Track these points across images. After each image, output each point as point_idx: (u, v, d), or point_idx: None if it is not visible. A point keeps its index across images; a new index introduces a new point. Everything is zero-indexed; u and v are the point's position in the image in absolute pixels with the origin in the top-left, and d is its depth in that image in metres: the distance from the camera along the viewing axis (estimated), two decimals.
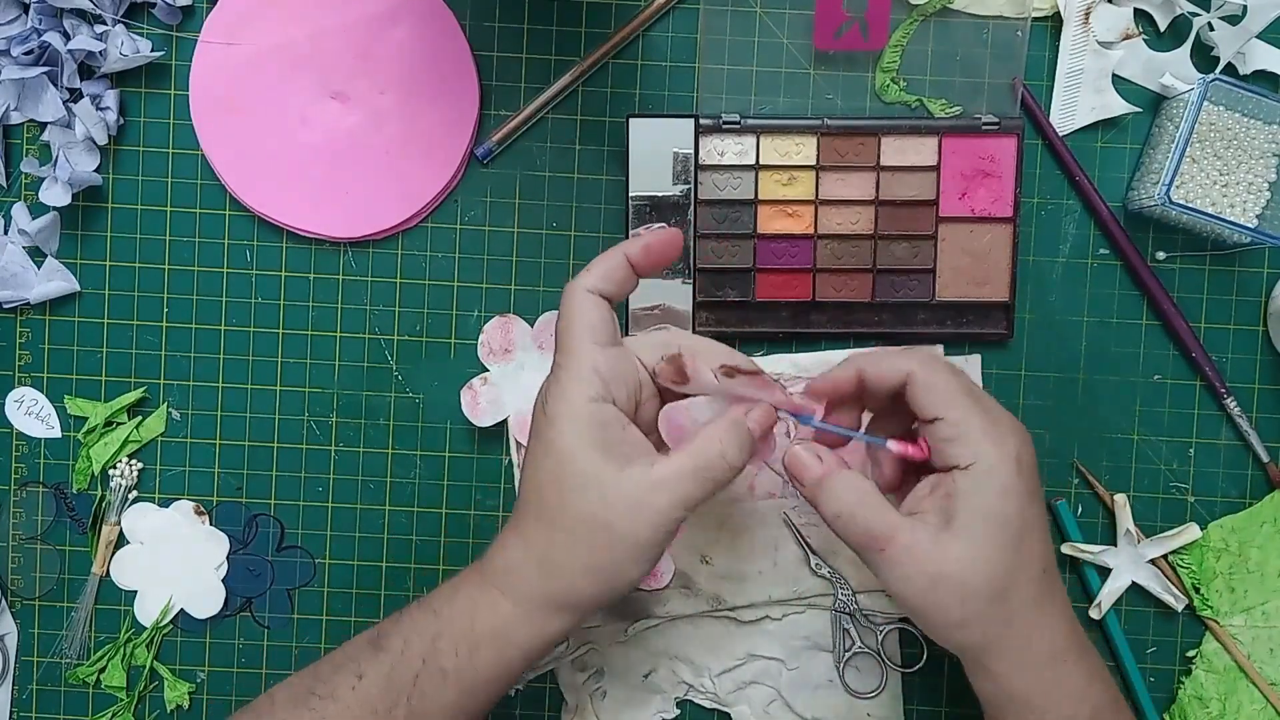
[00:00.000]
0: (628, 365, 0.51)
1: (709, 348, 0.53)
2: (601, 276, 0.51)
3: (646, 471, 0.49)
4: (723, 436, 0.50)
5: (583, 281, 0.51)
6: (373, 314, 0.64)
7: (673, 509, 0.49)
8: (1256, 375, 0.64)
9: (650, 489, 0.48)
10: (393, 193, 0.63)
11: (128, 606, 0.65)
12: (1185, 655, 0.65)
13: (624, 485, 0.48)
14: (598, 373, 0.49)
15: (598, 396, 0.49)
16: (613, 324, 0.51)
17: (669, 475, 0.49)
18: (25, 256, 0.64)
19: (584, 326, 0.50)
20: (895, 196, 0.63)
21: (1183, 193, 0.61)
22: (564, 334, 0.51)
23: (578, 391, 0.49)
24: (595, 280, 0.51)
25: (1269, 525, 0.64)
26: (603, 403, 0.49)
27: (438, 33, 0.62)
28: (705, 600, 0.64)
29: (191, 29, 0.63)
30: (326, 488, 0.65)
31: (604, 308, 0.51)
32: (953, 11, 0.63)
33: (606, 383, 0.50)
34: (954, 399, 0.50)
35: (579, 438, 0.49)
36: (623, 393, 0.51)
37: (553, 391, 0.50)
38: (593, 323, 0.50)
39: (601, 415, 0.49)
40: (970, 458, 0.49)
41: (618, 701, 0.64)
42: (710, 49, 0.63)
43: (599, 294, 0.51)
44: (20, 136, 0.64)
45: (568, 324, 0.51)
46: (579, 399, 0.49)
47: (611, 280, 0.51)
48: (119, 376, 0.64)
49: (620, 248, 0.52)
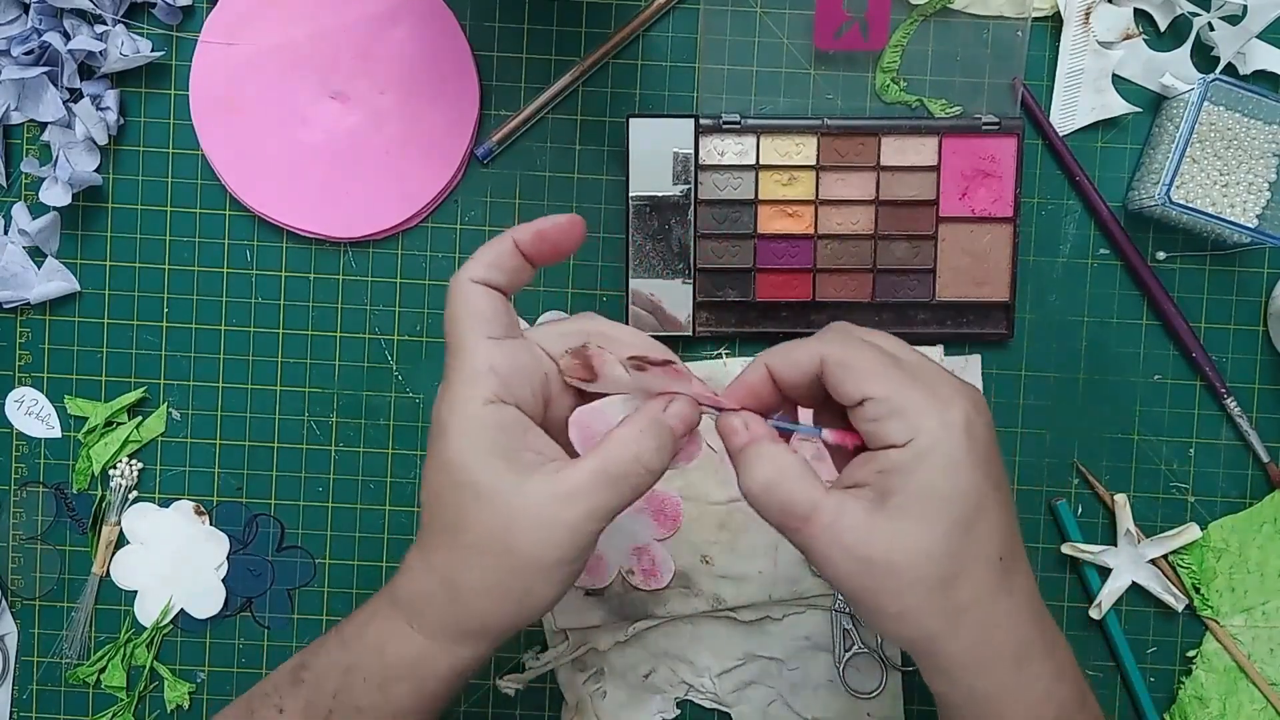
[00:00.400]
0: (529, 359, 0.46)
1: (624, 336, 0.48)
2: (488, 264, 0.46)
3: (551, 481, 0.43)
4: (638, 437, 0.45)
5: (468, 271, 0.46)
6: (373, 314, 0.64)
7: (583, 523, 0.43)
8: (1256, 375, 0.64)
9: (556, 502, 0.43)
10: (393, 193, 0.63)
11: (128, 606, 0.65)
12: (1185, 655, 0.65)
13: (527, 498, 0.43)
14: (493, 370, 0.44)
15: (493, 398, 0.44)
16: (507, 314, 0.46)
17: (577, 485, 0.43)
18: (25, 256, 0.64)
19: (472, 320, 0.45)
20: (895, 196, 0.63)
21: (1183, 193, 0.61)
22: (451, 331, 0.45)
23: (469, 394, 0.44)
24: (481, 269, 0.46)
25: (1269, 525, 0.64)
26: (499, 404, 0.44)
27: (438, 33, 0.62)
28: (705, 600, 0.64)
29: (191, 29, 0.63)
30: (327, 488, 0.65)
31: (494, 298, 0.46)
32: (953, 11, 0.63)
33: (504, 381, 0.44)
34: (877, 374, 0.44)
35: (473, 446, 0.43)
36: (525, 391, 0.45)
37: (443, 398, 0.45)
38: (482, 314, 0.45)
39: (498, 418, 0.44)
40: (907, 433, 0.43)
41: (618, 701, 0.64)
42: (710, 49, 0.63)
43: (485, 283, 0.46)
44: (20, 136, 0.64)
45: (453, 319, 0.45)
46: (471, 402, 0.44)
47: (500, 268, 0.46)
48: (119, 376, 0.64)
49: (509, 233, 0.47)
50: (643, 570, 0.63)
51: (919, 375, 0.45)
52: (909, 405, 0.43)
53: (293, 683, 0.49)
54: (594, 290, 0.64)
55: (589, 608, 0.64)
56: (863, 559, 0.43)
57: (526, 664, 0.64)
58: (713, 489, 0.64)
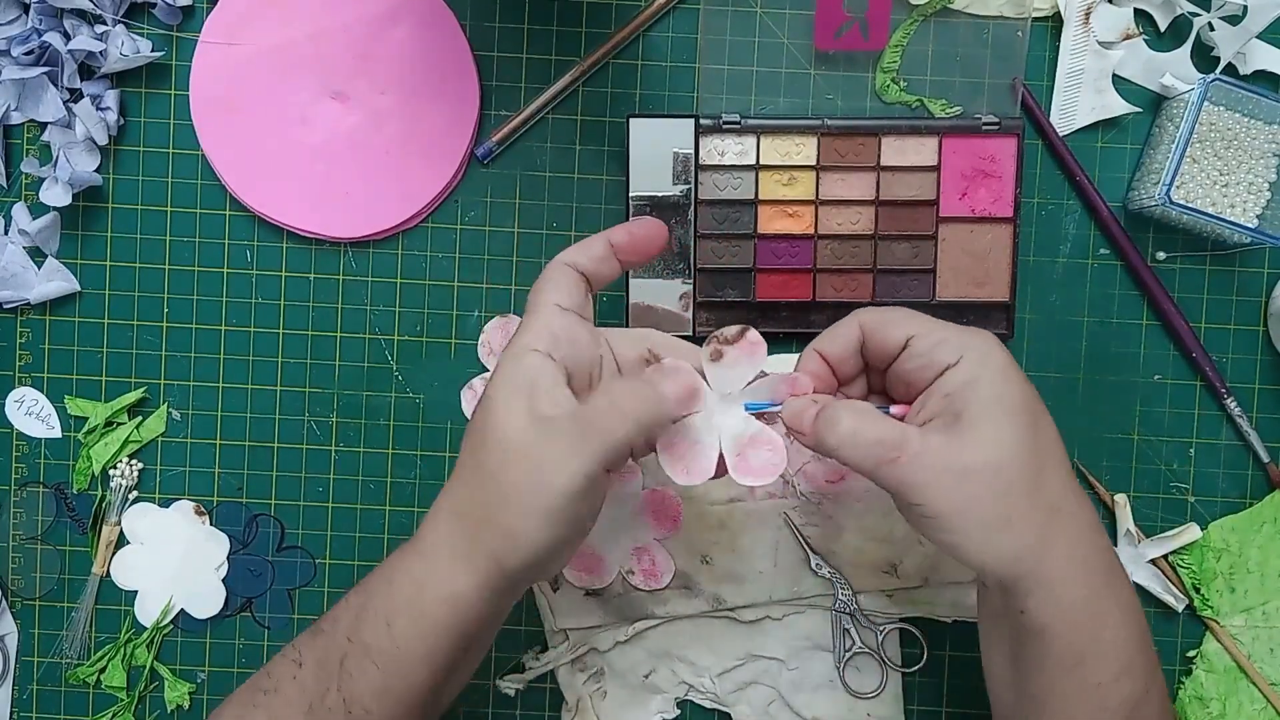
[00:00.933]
0: (586, 336, 0.50)
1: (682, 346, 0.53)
2: (581, 252, 0.51)
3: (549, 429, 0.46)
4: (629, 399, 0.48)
5: (563, 255, 0.51)
6: (373, 314, 0.64)
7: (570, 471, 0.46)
8: (1256, 375, 0.64)
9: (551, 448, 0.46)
10: (393, 193, 0.63)
11: (128, 606, 0.65)
12: (1185, 655, 0.65)
13: (526, 440, 0.46)
14: (550, 330, 0.49)
15: (540, 349, 0.48)
16: (582, 295, 0.51)
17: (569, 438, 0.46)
18: (25, 257, 0.64)
19: (551, 290, 0.50)
20: (895, 196, 0.63)
21: (1183, 193, 0.61)
22: (531, 299, 0.50)
23: (522, 342, 0.48)
24: (575, 255, 0.51)
25: (1269, 525, 0.64)
26: (544, 356, 0.48)
27: (438, 33, 0.62)
28: (705, 600, 0.64)
29: (191, 29, 0.63)
30: (327, 488, 0.65)
31: (575, 277, 0.50)
32: (953, 11, 0.63)
33: (557, 340, 0.49)
34: (912, 317, 0.50)
35: (505, 383, 0.48)
36: (575, 360, 0.49)
37: (505, 349, 0.49)
38: (560, 286, 0.50)
39: (537, 366, 0.48)
40: (957, 351, 0.48)
41: (618, 701, 0.64)
42: (710, 49, 0.63)
43: (576, 267, 0.51)
44: (20, 136, 0.64)
45: (537, 289, 0.50)
46: (522, 349, 0.48)
47: (591, 258, 0.51)
48: (119, 376, 0.64)
49: (604, 233, 0.52)
50: (643, 570, 0.63)
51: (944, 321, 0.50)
52: (949, 332, 0.49)
53: (312, 634, 0.51)
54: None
55: (589, 608, 0.64)
56: (961, 471, 0.46)
57: (526, 664, 0.64)
58: (713, 489, 0.64)
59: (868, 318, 0.51)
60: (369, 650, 0.48)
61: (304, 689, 0.49)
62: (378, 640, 0.48)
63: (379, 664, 0.48)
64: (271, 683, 0.50)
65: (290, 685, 0.50)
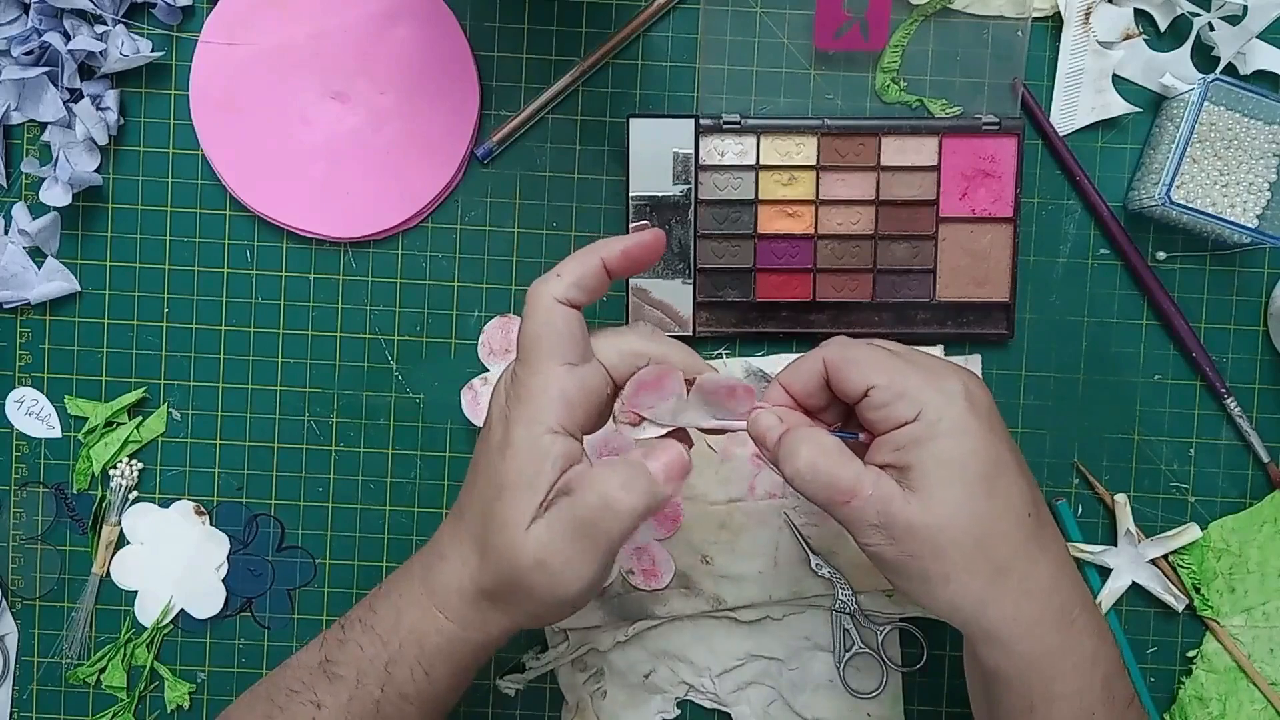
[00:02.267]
0: (598, 383, 0.48)
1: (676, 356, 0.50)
2: (574, 284, 0.47)
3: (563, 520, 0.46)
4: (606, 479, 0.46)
5: (552, 288, 0.47)
6: (373, 314, 0.64)
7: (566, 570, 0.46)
8: (1256, 375, 0.64)
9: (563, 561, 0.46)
10: (393, 193, 0.63)
11: (128, 606, 0.65)
12: (1185, 655, 0.65)
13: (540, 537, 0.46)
14: (564, 398, 0.46)
15: (558, 428, 0.46)
16: (583, 335, 0.48)
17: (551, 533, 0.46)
18: (25, 257, 0.64)
19: (553, 342, 0.47)
20: (895, 196, 0.63)
21: (1183, 193, 0.61)
22: (530, 349, 0.47)
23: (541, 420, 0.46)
24: (566, 288, 0.47)
25: (1269, 525, 0.63)
26: (563, 436, 0.47)
27: (438, 33, 0.62)
28: (705, 600, 0.64)
29: (191, 29, 0.63)
30: (327, 488, 0.65)
31: (574, 319, 0.47)
32: (953, 11, 0.63)
33: (573, 408, 0.47)
34: (877, 363, 0.47)
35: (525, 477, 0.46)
36: (587, 416, 0.48)
37: (515, 413, 0.47)
38: (561, 339, 0.47)
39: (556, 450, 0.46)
40: (913, 408, 0.46)
41: (618, 701, 0.64)
42: (710, 49, 0.63)
43: (569, 302, 0.47)
44: (20, 136, 0.64)
45: (535, 337, 0.47)
46: (541, 430, 0.46)
47: (584, 288, 0.47)
48: (119, 376, 0.64)
49: (596, 250, 0.48)
50: (643, 570, 0.63)
51: (914, 361, 0.48)
52: (910, 385, 0.47)
53: (328, 679, 0.51)
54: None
55: (589, 608, 0.64)
56: (904, 526, 0.46)
57: (526, 664, 0.64)
58: (713, 489, 0.64)
59: (832, 355, 0.49)
60: (407, 697, 0.50)
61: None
62: (417, 689, 0.50)
63: (418, 704, 0.50)
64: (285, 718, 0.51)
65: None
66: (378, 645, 0.50)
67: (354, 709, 0.50)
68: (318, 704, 0.50)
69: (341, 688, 0.50)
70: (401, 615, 0.50)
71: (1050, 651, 0.47)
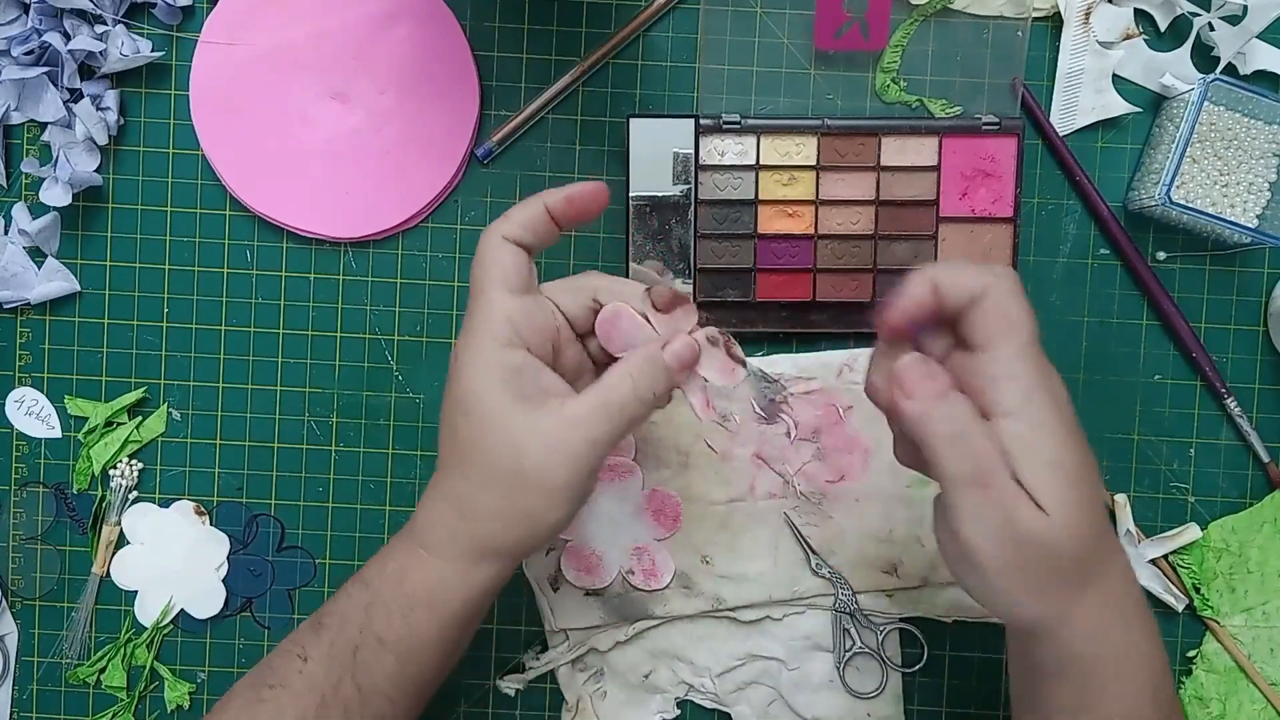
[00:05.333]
0: (542, 314, 0.50)
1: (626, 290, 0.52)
2: (520, 224, 0.50)
3: (557, 412, 0.48)
4: (634, 372, 0.49)
5: (499, 228, 0.50)
6: (373, 314, 0.64)
7: (585, 448, 0.48)
8: (1256, 375, 0.64)
9: (561, 428, 0.47)
10: (393, 193, 0.63)
11: (128, 607, 0.65)
12: (1186, 655, 0.65)
13: (535, 427, 0.47)
14: (509, 319, 0.48)
15: (508, 342, 0.48)
16: (528, 272, 0.50)
17: (580, 414, 0.48)
18: (26, 257, 0.64)
19: (497, 273, 0.49)
20: (895, 196, 0.63)
21: (1183, 193, 0.61)
22: (476, 281, 0.49)
23: (486, 338, 0.48)
24: (513, 227, 0.50)
25: (1269, 525, 0.64)
26: (513, 348, 0.49)
27: (438, 33, 0.62)
28: (705, 600, 0.64)
29: (191, 29, 0.63)
30: (327, 488, 0.65)
31: (519, 255, 0.50)
32: (953, 11, 0.63)
33: (518, 328, 0.49)
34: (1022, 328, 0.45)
35: (487, 382, 0.48)
36: (536, 339, 0.50)
37: (462, 341, 0.49)
38: (505, 269, 0.49)
39: (512, 360, 0.48)
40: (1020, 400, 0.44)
41: (618, 701, 0.64)
42: (710, 49, 0.63)
43: (516, 241, 0.50)
44: (20, 137, 0.64)
45: (481, 271, 0.49)
46: (489, 346, 0.48)
47: (530, 229, 0.50)
48: (119, 376, 0.64)
49: (540, 196, 0.50)
50: (643, 570, 0.63)
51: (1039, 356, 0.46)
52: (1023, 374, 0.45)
53: (314, 630, 0.51)
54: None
55: (589, 608, 0.64)
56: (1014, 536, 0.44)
57: (526, 664, 0.64)
58: (713, 489, 0.64)
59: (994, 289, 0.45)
60: (384, 643, 0.49)
61: (313, 682, 0.50)
62: (393, 633, 0.49)
63: (396, 654, 0.50)
64: (276, 677, 0.51)
65: (297, 679, 0.50)
66: (362, 589, 0.51)
67: (334, 655, 0.50)
68: (304, 656, 0.50)
69: (325, 636, 0.50)
70: (387, 560, 0.51)
71: (1116, 654, 0.47)
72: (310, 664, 0.50)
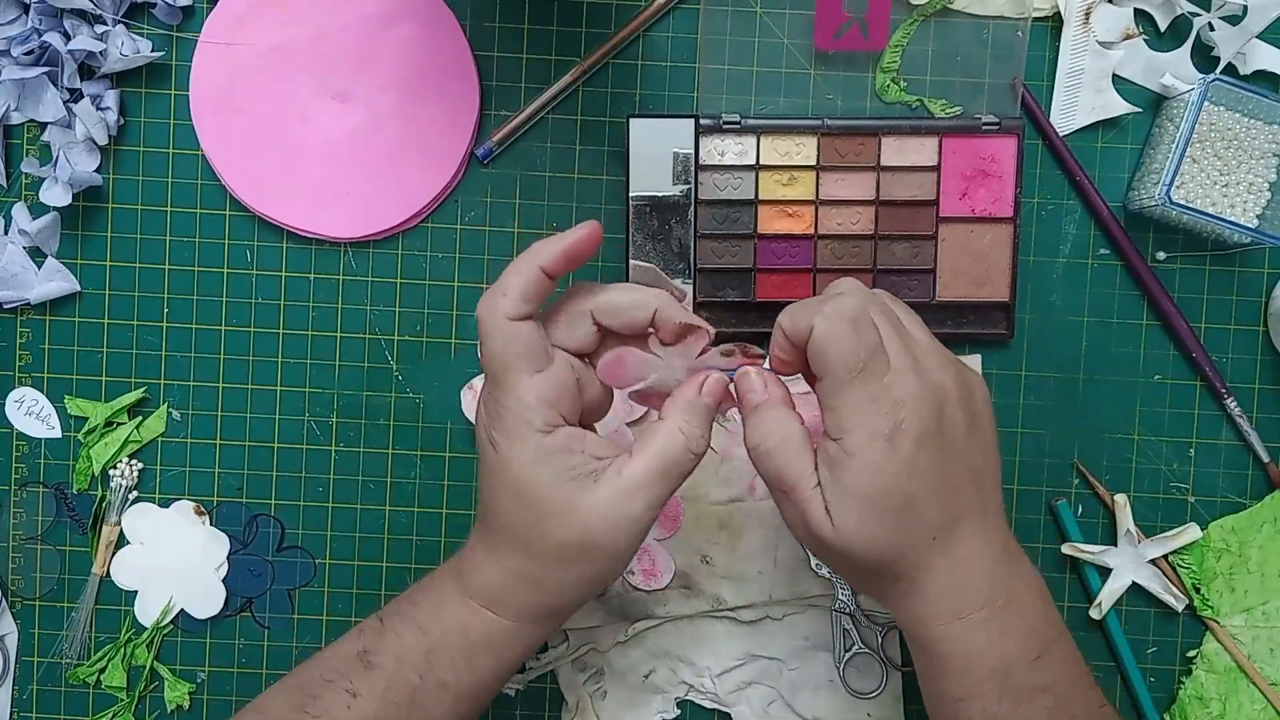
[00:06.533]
0: (566, 375, 0.49)
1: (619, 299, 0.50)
2: (521, 298, 0.48)
3: (616, 483, 0.48)
4: (683, 425, 0.49)
5: (502, 308, 0.48)
6: (373, 314, 0.64)
7: (646, 513, 0.49)
8: (1256, 375, 0.64)
9: (623, 499, 0.48)
10: (393, 193, 0.63)
11: (128, 607, 0.65)
12: (1186, 655, 0.65)
13: (598, 504, 0.48)
14: (543, 401, 0.48)
15: (547, 427, 0.48)
16: (542, 340, 0.49)
17: (639, 481, 0.48)
18: (25, 257, 0.64)
19: (515, 357, 0.48)
20: (895, 196, 0.63)
21: (1183, 193, 0.61)
22: (495, 367, 0.48)
23: (528, 427, 0.48)
24: (515, 304, 0.48)
25: (1269, 525, 0.64)
26: (554, 430, 0.48)
27: (438, 33, 0.62)
28: (705, 600, 0.64)
29: (191, 29, 0.63)
30: (327, 488, 0.65)
31: (533, 331, 0.48)
32: (953, 11, 0.63)
33: (554, 406, 0.48)
34: (837, 369, 0.47)
35: (541, 474, 0.48)
36: (568, 403, 0.49)
37: (499, 430, 0.48)
38: (524, 352, 0.48)
39: (557, 443, 0.48)
40: (838, 432, 0.47)
41: (618, 701, 0.64)
42: (710, 49, 0.63)
43: (522, 318, 0.48)
44: (20, 137, 0.64)
45: (497, 356, 0.48)
46: (531, 434, 0.48)
47: (531, 299, 0.48)
48: (119, 376, 0.64)
49: (532, 259, 0.48)
50: (643, 570, 0.63)
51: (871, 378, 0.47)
52: (842, 403, 0.47)
53: (364, 667, 0.51)
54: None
55: (589, 608, 0.64)
56: (816, 537, 0.49)
57: (526, 664, 0.64)
58: (713, 489, 0.64)
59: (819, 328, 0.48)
60: (445, 686, 0.51)
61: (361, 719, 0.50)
62: (456, 678, 0.51)
63: (455, 694, 0.51)
64: (319, 707, 0.51)
65: (344, 713, 0.50)
66: (418, 634, 0.51)
67: (390, 696, 0.50)
68: (353, 693, 0.50)
69: (379, 676, 0.50)
70: (442, 608, 0.51)
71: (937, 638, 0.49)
72: (360, 700, 0.50)
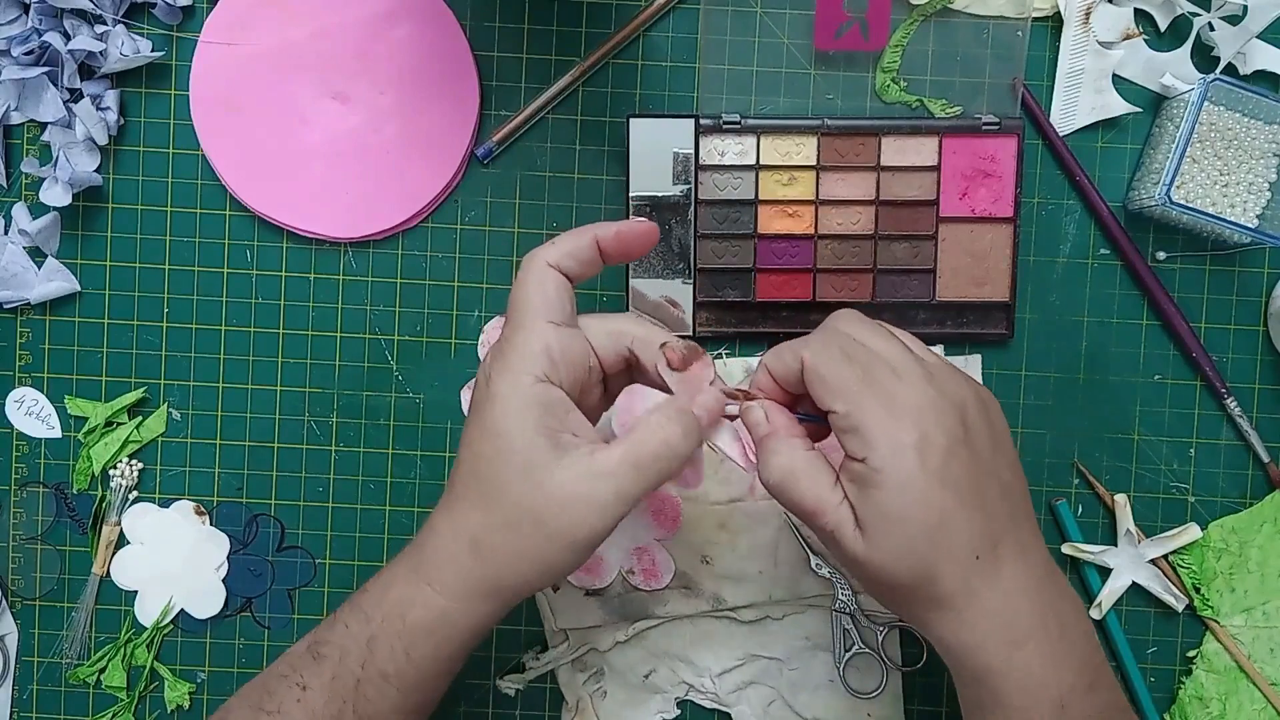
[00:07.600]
0: (580, 348, 0.49)
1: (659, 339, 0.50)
2: (568, 253, 0.49)
3: (586, 462, 0.46)
4: (665, 424, 0.48)
5: (546, 254, 0.49)
6: (373, 314, 0.64)
7: (612, 502, 0.47)
8: (1256, 375, 0.64)
9: (589, 481, 0.46)
10: (393, 193, 0.63)
11: (128, 606, 0.65)
12: (1186, 655, 0.65)
13: (560, 474, 0.46)
14: (548, 352, 0.47)
15: (544, 377, 0.47)
16: (570, 303, 0.49)
17: (609, 467, 0.47)
18: (26, 257, 0.64)
19: (540, 301, 0.48)
20: (895, 196, 0.63)
21: (1183, 193, 0.61)
22: (518, 306, 0.48)
23: (525, 370, 0.47)
24: (560, 255, 0.49)
25: (1269, 525, 0.64)
26: (549, 384, 0.47)
27: (438, 33, 0.63)
28: (705, 600, 0.64)
29: (191, 29, 0.63)
30: (327, 488, 0.65)
31: (564, 284, 0.49)
32: (953, 11, 0.63)
33: (556, 364, 0.48)
34: (842, 389, 0.47)
35: (521, 419, 0.47)
36: (570, 376, 0.48)
37: (497, 366, 0.48)
38: (549, 298, 0.48)
39: (546, 396, 0.47)
40: (863, 451, 0.46)
41: (618, 701, 0.64)
42: (710, 49, 0.63)
43: (560, 269, 0.49)
44: (21, 137, 0.64)
45: (524, 296, 0.48)
46: (525, 378, 0.47)
47: (577, 259, 0.49)
48: (119, 376, 0.64)
49: (591, 228, 0.50)
50: (643, 570, 0.63)
51: (883, 395, 0.47)
52: (865, 422, 0.46)
53: (313, 659, 0.50)
54: (594, 290, 0.64)
55: (589, 608, 0.64)
56: (851, 557, 0.47)
57: (526, 664, 0.64)
58: (713, 489, 0.64)
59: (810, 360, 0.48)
60: (387, 676, 0.49)
61: (312, 711, 0.49)
62: (397, 667, 0.49)
63: (399, 686, 0.49)
64: (273, 703, 0.50)
65: (296, 708, 0.50)
66: (362, 621, 0.50)
67: (336, 688, 0.49)
68: (303, 685, 0.50)
69: (325, 666, 0.50)
70: (388, 590, 0.50)
71: (992, 670, 0.47)
72: (309, 693, 0.50)
